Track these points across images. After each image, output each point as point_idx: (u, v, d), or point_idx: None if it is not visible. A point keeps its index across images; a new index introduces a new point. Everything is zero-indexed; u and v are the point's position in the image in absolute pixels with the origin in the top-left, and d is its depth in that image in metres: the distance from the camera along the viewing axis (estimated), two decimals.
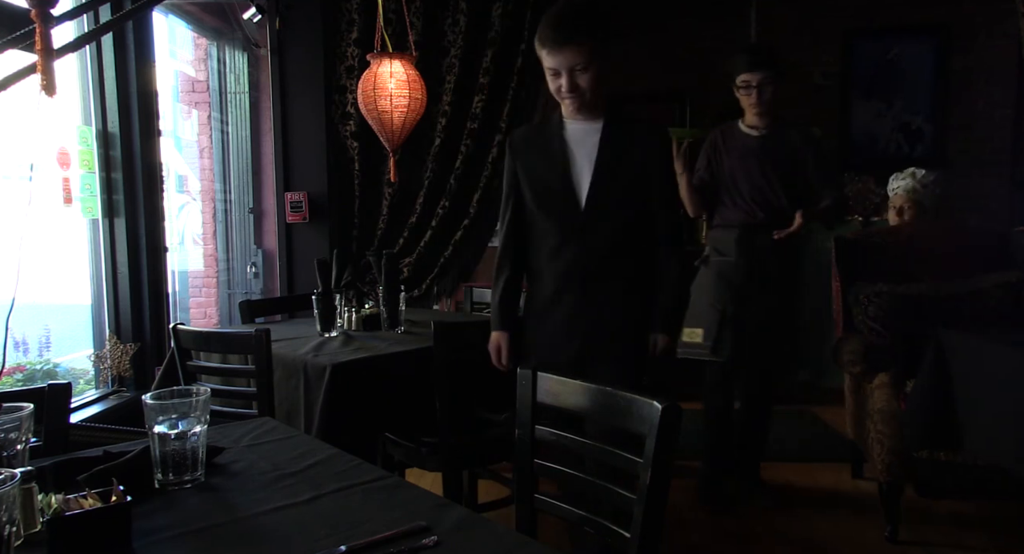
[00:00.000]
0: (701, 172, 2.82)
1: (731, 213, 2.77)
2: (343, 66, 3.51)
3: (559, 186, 1.94)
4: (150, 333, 2.67)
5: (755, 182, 2.72)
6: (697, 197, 2.80)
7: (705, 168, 2.81)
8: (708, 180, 2.81)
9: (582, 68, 1.81)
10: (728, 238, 2.76)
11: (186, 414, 1.09)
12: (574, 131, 1.96)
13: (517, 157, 2.04)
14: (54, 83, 1.19)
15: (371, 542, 0.88)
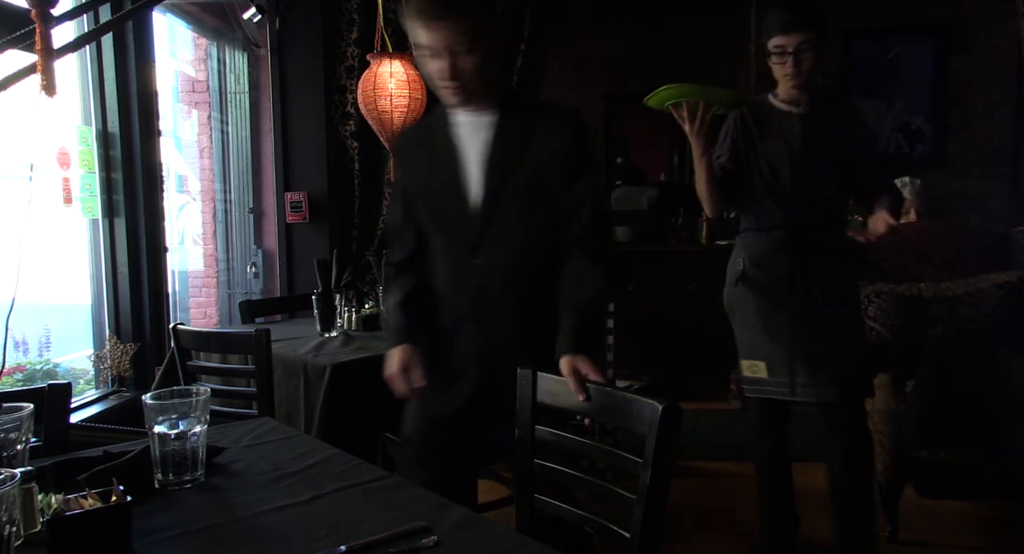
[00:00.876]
0: (723, 159, 2.21)
1: (768, 212, 2.18)
2: (343, 66, 3.51)
3: (447, 197, 1.56)
4: (150, 333, 2.67)
5: (800, 171, 2.15)
6: (719, 191, 2.19)
7: (728, 155, 2.22)
8: (733, 170, 2.20)
9: (465, 49, 1.42)
10: (768, 246, 2.18)
11: (186, 414, 1.09)
12: (462, 126, 1.56)
13: (403, 161, 1.69)
14: (54, 83, 1.19)
15: (371, 542, 0.88)
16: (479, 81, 1.47)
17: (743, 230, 2.28)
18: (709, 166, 2.14)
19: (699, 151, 2.09)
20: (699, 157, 2.11)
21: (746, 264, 2.22)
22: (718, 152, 2.22)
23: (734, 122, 2.24)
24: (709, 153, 2.12)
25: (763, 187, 2.19)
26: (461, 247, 1.55)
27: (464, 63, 1.44)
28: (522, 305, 1.55)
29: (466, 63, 1.44)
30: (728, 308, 2.30)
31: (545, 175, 1.52)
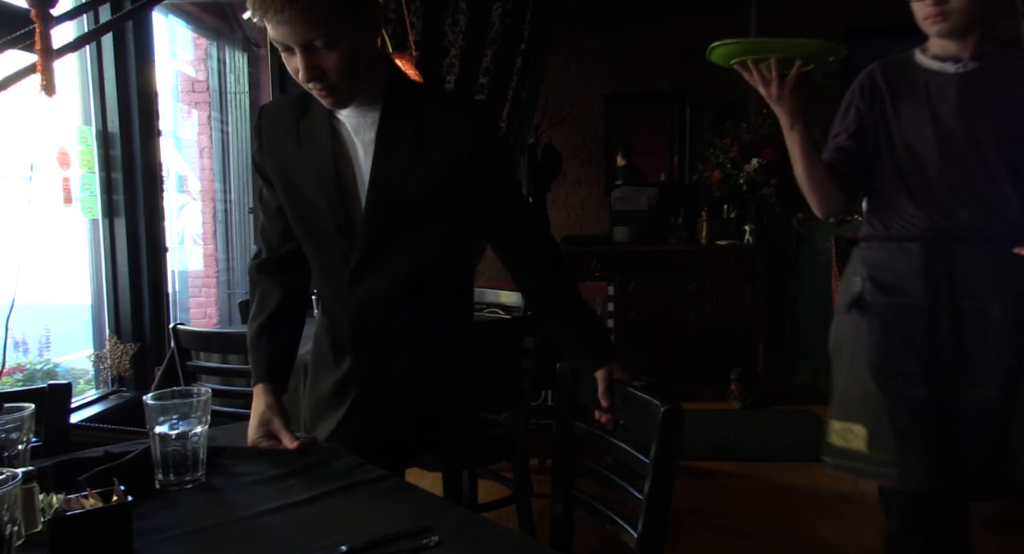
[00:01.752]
0: (841, 138, 1.62)
1: (903, 214, 1.56)
2: None
3: (319, 207, 1.29)
4: (150, 333, 2.67)
5: (956, 154, 1.51)
6: (833, 183, 1.58)
7: (849, 132, 1.61)
8: (855, 152, 1.60)
9: (323, 44, 1.15)
10: (901, 262, 1.55)
11: (187, 414, 1.09)
12: (344, 120, 1.30)
13: (267, 146, 1.36)
14: (54, 83, 1.19)
15: (371, 542, 0.88)
16: (349, 80, 1.19)
17: (864, 238, 1.65)
18: (806, 145, 1.53)
19: (786, 123, 1.53)
20: (788, 132, 1.54)
21: (865, 286, 1.57)
22: (834, 128, 1.63)
23: (860, 87, 1.63)
24: (803, 125, 1.52)
25: (897, 179, 1.55)
26: (338, 267, 1.31)
27: (325, 61, 1.16)
28: (412, 329, 1.32)
29: (327, 61, 1.16)
30: (833, 344, 1.65)
31: (444, 179, 1.26)
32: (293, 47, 1.16)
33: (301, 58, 1.15)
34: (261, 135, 1.37)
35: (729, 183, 4.37)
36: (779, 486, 3.01)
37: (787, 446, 3.53)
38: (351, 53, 1.17)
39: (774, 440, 3.63)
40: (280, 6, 1.11)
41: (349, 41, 1.16)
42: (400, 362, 1.33)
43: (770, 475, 3.04)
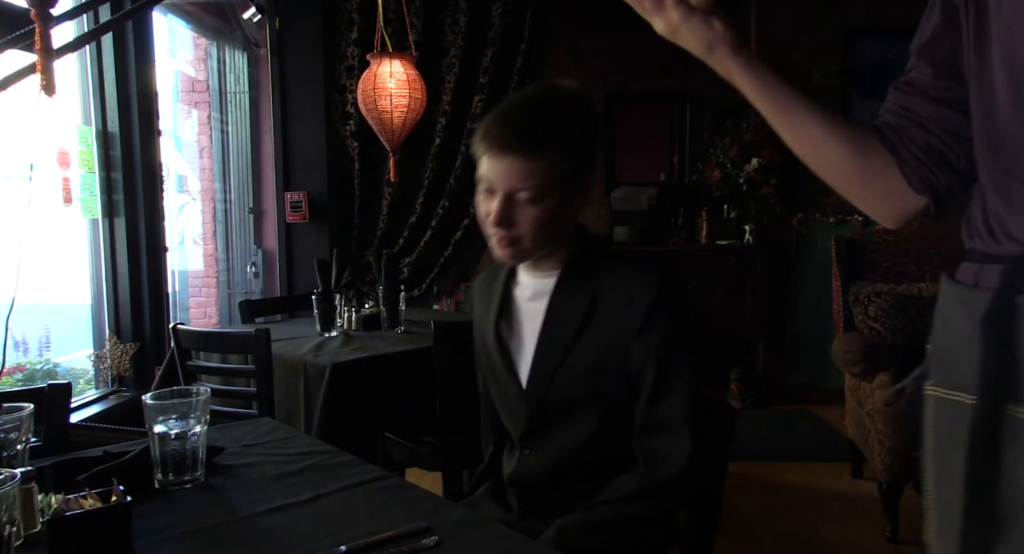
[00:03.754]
0: (917, 73, 0.85)
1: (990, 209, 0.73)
2: (343, 66, 3.51)
3: (498, 371, 1.28)
4: (150, 333, 2.67)
5: None
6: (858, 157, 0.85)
7: (933, 59, 0.83)
8: (951, 101, 0.80)
9: (528, 196, 1.11)
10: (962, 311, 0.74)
11: (186, 414, 1.09)
12: (522, 287, 1.27)
13: (475, 307, 1.39)
14: (54, 83, 1.19)
15: (371, 542, 0.88)
16: (536, 239, 1.15)
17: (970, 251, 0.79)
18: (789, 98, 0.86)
19: (701, 47, 0.89)
20: (745, 86, 0.89)
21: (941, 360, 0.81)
22: (911, 63, 0.87)
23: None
24: (761, 70, 0.87)
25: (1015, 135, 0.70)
26: (513, 430, 1.28)
27: (521, 214, 1.13)
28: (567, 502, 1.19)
29: (524, 214, 1.13)
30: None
31: (604, 364, 1.16)
32: (496, 190, 1.13)
33: (499, 203, 1.13)
34: (471, 294, 1.41)
35: (729, 183, 4.37)
36: (779, 486, 3.01)
37: (787, 446, 3.53)
38: (550, 214, 1.13)
39: (774, 440, 3.63)
40: (503, 147, 1.09)
41: (553, 201, 1.13)
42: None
43: (770, 475, 3.04)
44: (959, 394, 0.71)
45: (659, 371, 1.14)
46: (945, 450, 0.73)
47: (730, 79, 0.90)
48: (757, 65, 0.87)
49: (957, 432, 0.70)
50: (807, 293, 4.53)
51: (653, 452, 1.14)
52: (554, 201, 1.13)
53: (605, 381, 1.17)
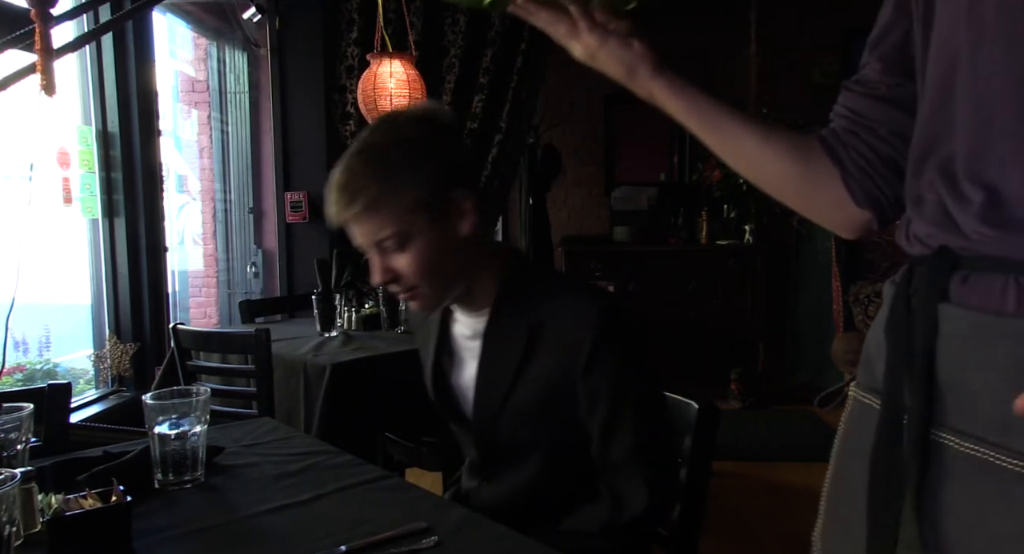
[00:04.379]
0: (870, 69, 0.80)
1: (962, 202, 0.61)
2: (343, 66, 3.51)
3: (445, 406, 1.27)
4: (150, 333, 2.67)
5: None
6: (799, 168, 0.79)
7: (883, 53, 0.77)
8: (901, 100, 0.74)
9: (395, 243, 1.06)
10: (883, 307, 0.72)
11: (186, 414, 1.09)
12: (462, 325, 1.21)
13: (418, 339, 1.40)
14: (54, 83, 1.19)
15: (371, 542, 0.88)
16: (430, 280, 1.08)
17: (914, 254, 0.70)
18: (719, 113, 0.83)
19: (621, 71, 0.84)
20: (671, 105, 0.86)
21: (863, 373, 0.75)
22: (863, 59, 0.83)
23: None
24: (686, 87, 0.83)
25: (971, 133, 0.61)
26: (470, 457, 1.27)
27: (398, 263, 1.07)
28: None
29: (400, 263, 1.07)
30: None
31: (550, 397, 1.10)
32: (368, 250, 1.09)
33: (374, 260, 1.09)
34: (414, 327, 1.33)
35: (729, 183, 4.37)
36: (779, 486, 3.01)
37: (787, 446, 3.53)
38: (428, 251, 1.06)
39: (774, 440, 3.63)
40: (344, 208, 1.05)
41: (425, 240, 1.05)
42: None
43: (770, 475, 3.04)
44: (871, 396, 0.69)
45: (610, 410, 1.07)
46: (849, 451, 0.71)
47: (654, 100, 0.85)
48: (681, 83, 0.83)
49: (863, 435, 0.67)
50: (807, 293, 4.53)
51: (615, 494, 1.10)
52: (423, 238, 1.06)
53: (551, 422, 1.12)
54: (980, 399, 0.56)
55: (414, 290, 1.09)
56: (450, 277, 1.10)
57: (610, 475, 1.10)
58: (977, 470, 0.56)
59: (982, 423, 0.56)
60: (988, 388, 0.55)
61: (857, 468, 0.67)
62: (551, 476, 1.15)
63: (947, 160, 0.61)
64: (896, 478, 0.61)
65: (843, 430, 0.74)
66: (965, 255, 0.59)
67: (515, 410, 1.12)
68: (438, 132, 1.09)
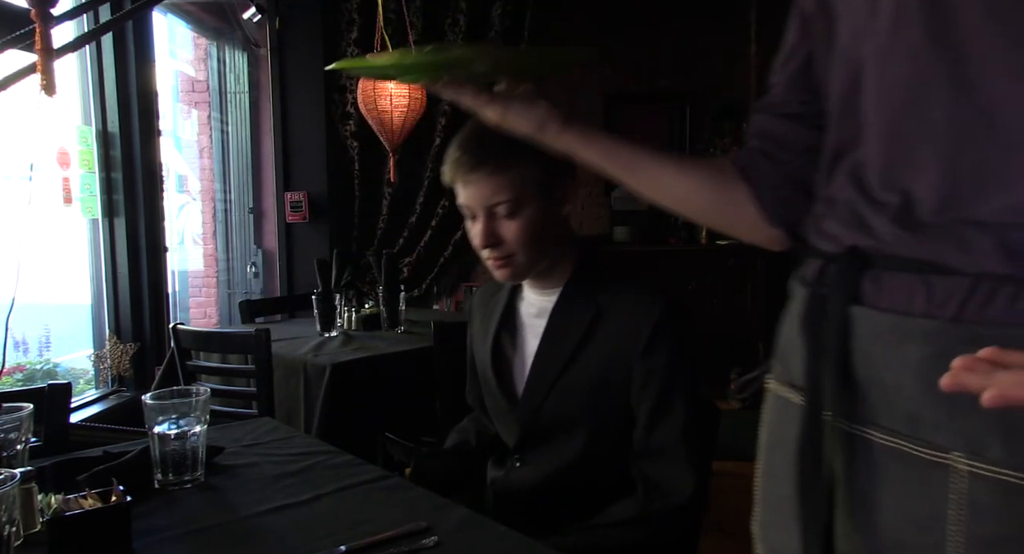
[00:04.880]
0: (777, 91, 0.78)
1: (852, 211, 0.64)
2: None
3: (493, 386, 1.28)
4: (150, 333, 2.67)
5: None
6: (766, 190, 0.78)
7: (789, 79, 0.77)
8: (807, 116, 0.75)
9: (508, 209, 1.12)
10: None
11: (186, 414, 1.09)
12: (525, 304, 1.27)
13: (471, 322, 1.41)
14: (54, 83, 1.19)
15: (371, 542, 0.88)
16: (527, 251, 1.15)
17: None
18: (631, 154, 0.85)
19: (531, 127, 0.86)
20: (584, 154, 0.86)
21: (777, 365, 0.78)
22: (772, 80, 0.80)
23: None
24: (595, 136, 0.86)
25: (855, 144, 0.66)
26: (507, 439, 1.28)
27: (504, 229, 1.14)
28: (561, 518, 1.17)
29: (507, 229, 1.13)
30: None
31: (603, 382, 1.14)
32: (476, 213, 1.15)
33: (481, 223, 1.14)
34: (470, 310, 1.41)
35: None
36: None
37: None
38: (534, 223, 1.13)
39: None
40: (469, 167, 1.11)
41: (534, 210, 1.13)
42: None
43: None
44: (790, 391, 0.71)
45: (660, 395, 1.11)
46: (774, 444, 0.74)
47: (568, 152, 0.88)
48: (590, 133, 0.86)
49: (786, 429, 0.70)
50: None
51: (653, 480, 1.11)
52: (534, 209, 1.14)
53: (602, 399, 1.15)
54: (894, 395, 0.60)
55: (511, 257, 1.15)
56: (542, 251, 1.17)
57: (652, 459, 1.13)
58: (897, 461, 0.59)
59: (897, 417, 0.60)
60: (901, 385, 0.59)
61: (782, 459, 0.70)
62: (588, 459, 1.17)
63: (858, 165, 0.64)
64: (821, 472, 0.64)
65: (766, 422, 0.77)
66: (876, 255, 0.61)
67: (568, 386, 1.16)
68: None
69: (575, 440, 1.17)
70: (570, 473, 1.19)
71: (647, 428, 1.13)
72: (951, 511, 0.55)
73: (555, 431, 1.19)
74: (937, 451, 0.56)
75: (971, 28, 0.55)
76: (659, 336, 1.11)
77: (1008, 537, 0.53)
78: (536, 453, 1.22)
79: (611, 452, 1.17)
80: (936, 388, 0.50)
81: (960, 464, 0.55)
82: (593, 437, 1.17)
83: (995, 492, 0.53)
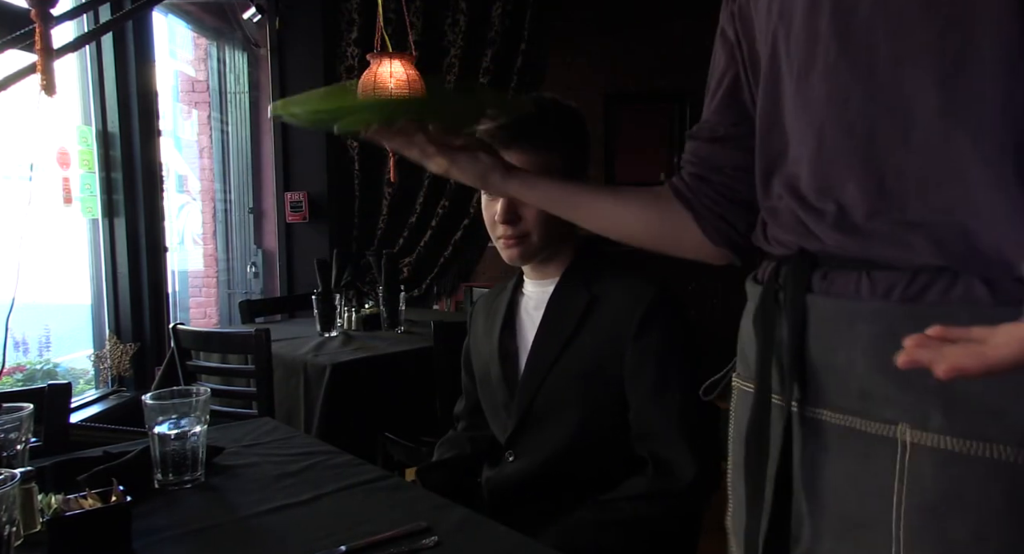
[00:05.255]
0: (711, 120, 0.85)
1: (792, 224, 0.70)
2: (343, 66, 3.51)
3: (491, 381, 1.30)
4: (150, 333, 2.67)
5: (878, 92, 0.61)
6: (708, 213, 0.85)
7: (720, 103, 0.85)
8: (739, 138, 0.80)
9: None
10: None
11: (186, 414, 1.09)
12: (527, 298, 1.31)
13: (471, 330, 1.43)
14: (54, 83, 1.19)
15: (371, 542, 0.88)
16: (542, 234, 1.19)
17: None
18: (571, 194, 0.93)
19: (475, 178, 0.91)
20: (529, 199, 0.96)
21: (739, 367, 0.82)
22: (705, 107, 0.88)
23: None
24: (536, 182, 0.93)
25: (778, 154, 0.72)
26: (500, 434, 1.30)
27: (525, 209, 1.17)
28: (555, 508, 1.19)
29: (527, 209, 1.17)
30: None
31: (596, 369, 1.17)
32: None
33: (504, 199, 1.17)
34: (470, 319, 1.43)
35: None
36: None
37: None
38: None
39: None
40: (505, 143, 1.13)
41: None
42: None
43: None
44: (746, 384, 0.76)
45: (656, 375, 1.14)
46: (736, 437, 0.78)
47: (514, 197, 0.98)
48: (531, 179, 0.92)
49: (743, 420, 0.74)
50: None
51: (660, 458, 1.13)
52: None
53: (596, 384, 1.18)
54: (844, 374, 0.63)
55: (525, 237, 1.20)
56: (553, 236, 1.21)
57: (652, 442, 1.15)
58: (846, 437, 0.63)
59: (847, 395, 0.63)
60: (850, 363, 0.63)
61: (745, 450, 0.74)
62: (578, 446, 1.20)
63: (792, 177, 0.69)
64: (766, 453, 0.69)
65: (732, 418, 0.81)
66: (823, 256, 0.67)
67: (564, 371, 1.19)
68: (586, 129, 1.26)
69: (567, 426, 1.20)
70: (560, 461, 1.21)
71: (645, 409, 1.15)
72: (896, 482, 0.59)
73: (549, 416, 1.22)
74: (885, 423, 0.60)
75: (879, 43, 0.60)
76: (651, 319, 1.14)
77: (947, 504, 0.57)
78: (529, 443, 1.24)
79: (600, 440, 1.20)
80: (886, 364, 0.54)
81: (906, 436, 0.59)
82: (584, 424, 1.19)
83: (935, 461, 0.57)
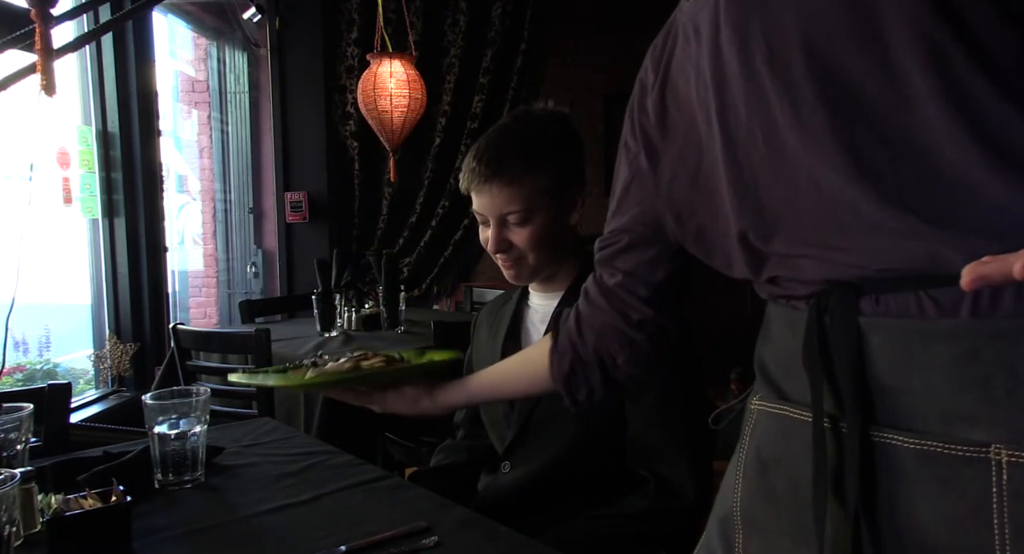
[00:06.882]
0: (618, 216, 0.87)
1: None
2: (343, 66, 3.51)
3: None
4: (150, 333, 2.67)
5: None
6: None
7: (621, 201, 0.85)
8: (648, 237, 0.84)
9: (519, 218, 1.16)
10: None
11: (186, 414, 1.09)
12: (531, 310, 1.32)
13: (474, 338, 1.44)
14: (54, 83, 1.19)
15: (371, 542, 0.88)
16: (536, 255, 1.20)
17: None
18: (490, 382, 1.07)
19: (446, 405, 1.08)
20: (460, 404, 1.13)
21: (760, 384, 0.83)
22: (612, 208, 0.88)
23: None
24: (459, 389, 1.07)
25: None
26: (498, 444, 1.31)
27: (515, 235, 1.19)
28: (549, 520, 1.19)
29: (517, 235, 1.18)
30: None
31: None
32: (488, 219, 1.20)
33: (493, 230, 1.19)
34: (473, 327, 1.45)
35: None
36: None
37: None
38: (543, 230, 1.19)
39: None
40: (484, 178, 1.16)
41: (544, 218, 1.18)
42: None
43: None
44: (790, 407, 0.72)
45: (657, 393, 1.15)
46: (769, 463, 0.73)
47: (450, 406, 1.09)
48: (454, 388, 1.06)
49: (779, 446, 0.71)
50: None
51: (666, 479, 1.14)
52: (544, 217, 1.18)
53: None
54: (921, 397, 0.60)
55: (520, 261, 1.22)
56: (551, 256, 1.22)
57: (653, 460, 1.15)
58: (926, 462, 0.59)
59: (926, 419, 0.59)
60: (928, 387, 0.59)
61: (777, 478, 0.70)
62: (572, 457, 1.21)
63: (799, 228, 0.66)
64: (837, 484, 0.64)
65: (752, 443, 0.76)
66: (867, 285, 0.62)
67: None
68: (571, 134, 1.24)
69: (565, 439, 1.21)
70: (556, 472, 1.22)
71: (647, 426, 1.15)
72: (996, 506, 0.55)
73: (547, 428, 1.22)
74: (974, 446, 0.56)
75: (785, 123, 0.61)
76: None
77: None
78: (526, 453, 1.25)
79: (597, 453, 1.21)
80: (972, 384, 0.53)
81: (1002, 456, 0.55)
82: (582, 437, 1.20)
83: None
